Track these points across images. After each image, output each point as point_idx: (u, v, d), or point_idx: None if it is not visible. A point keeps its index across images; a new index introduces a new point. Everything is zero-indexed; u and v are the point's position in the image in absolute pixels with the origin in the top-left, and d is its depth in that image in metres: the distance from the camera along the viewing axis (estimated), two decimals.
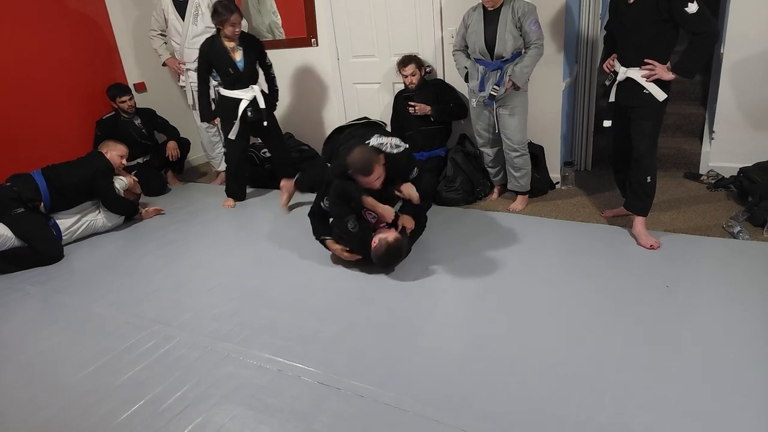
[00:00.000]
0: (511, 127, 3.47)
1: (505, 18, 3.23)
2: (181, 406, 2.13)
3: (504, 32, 3.24)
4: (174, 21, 4.36)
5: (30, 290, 3.24)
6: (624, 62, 2.88)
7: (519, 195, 3.71)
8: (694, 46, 2.67)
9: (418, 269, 2.99)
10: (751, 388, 1.93)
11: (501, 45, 3.26)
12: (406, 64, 3.89)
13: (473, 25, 3.36)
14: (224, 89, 4.00)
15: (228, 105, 3.99)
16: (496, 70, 3.33)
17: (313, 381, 2.19)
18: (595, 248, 3.03)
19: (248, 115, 3.96)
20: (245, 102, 3.94)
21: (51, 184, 3.62)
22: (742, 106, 3.61)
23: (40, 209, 3.60)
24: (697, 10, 2.55)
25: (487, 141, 3.68)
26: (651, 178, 2.93)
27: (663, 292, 2.55)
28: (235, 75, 3.89)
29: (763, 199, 3.09)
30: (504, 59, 3.29)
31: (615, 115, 3.04)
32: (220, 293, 2.97)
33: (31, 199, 3.54)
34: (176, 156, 4.72)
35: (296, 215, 3.91)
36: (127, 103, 4.48)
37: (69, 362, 2.49)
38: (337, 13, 4.41)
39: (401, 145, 2.95)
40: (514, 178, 3.65)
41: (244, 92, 3.95)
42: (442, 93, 4.00)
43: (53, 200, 3.64)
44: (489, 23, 3.29)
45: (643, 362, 2.11)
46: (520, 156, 3.55)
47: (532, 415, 1.90)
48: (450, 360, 2.24)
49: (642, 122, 2.87)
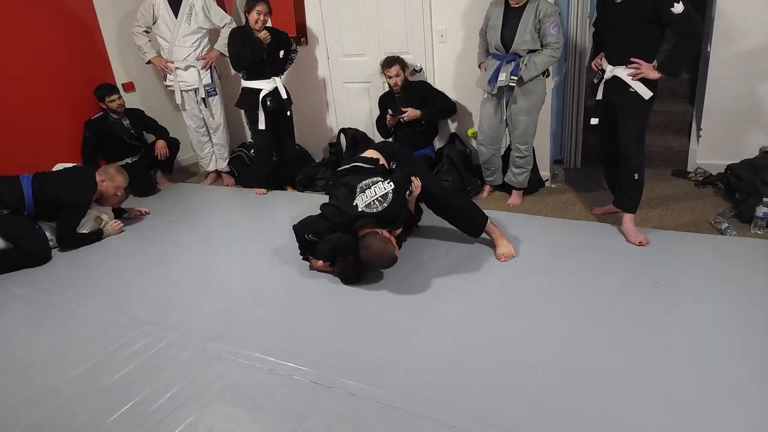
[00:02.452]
0: (520, 126, 3.48)
1: (527, 17, 3.22)
2: (171, 406, 2.11)
3: (524, 32, 3.24)
4: (166, 18, 4.32)
5: (17, 291, 3.20)
6: (611, 60, 2.91)
7: (514, 190, 3.73)
8: (679, 46, 2.70)
9: (408, 267, 2.99)
10: (738, 383, 1.95)
11: (519, 43, 3.26)
12: (390, 65, 3.89)
13: (493, 19, 3.36)
14: (247, 81, 4.11)
15: (251, 96, 4.12)
16: (511, 62, 3.33)
17: (305, 380, 2.19)
18: (584, 245, 3.04)
19: (267, 104, 4.09)
20: (265, 91, 4.07)
21: (36, 193, 3.50)
22: (729, 104, 3.64)
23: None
24: (683, 10, 2.57)
25: (488, 139, 3.66)
26: (639, 176, 2.94)
27: (652, 288, 2.57)
28: (259, 64, 4.02)
29: (750, 196, 3.13)
30: (519, 56, 3.31)
31: (602, 113, 3.06)
32: (210, 293, 2.95)
33: (12, 208, 3.44)
34: (165, 155, 4.68)
35: (287, 216, 3.89)
36: (116, 102, 4.43)
37: (58, 363, 2.46)
38: (327, 13, 4.41)
39: (387, 190, 2.81)
40: (513, 174, 3.68)
41: (266, 83, 4.08)
42: (428, 95, 4.02)
43: (37, 209, 3.53)
44: (509, 20, 3.29)
45: (633, 358, 2.12)
46: (524, 157, 3.58)
47: (522, 412, 1.91)
48: (442, 358, 2.24)
49: (628, 120, 2.89)
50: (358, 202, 2.81)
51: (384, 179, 2.86)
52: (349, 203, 2.83)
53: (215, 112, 4.63)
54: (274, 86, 4.12)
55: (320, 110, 4.78)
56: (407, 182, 2.93)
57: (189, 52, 4.38)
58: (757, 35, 3.43)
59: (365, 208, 2.79)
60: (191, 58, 4.39)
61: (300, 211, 3.45)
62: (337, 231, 2.84)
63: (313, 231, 2.90)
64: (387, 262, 2.77)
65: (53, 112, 4.37)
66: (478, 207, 3.13)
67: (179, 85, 4.46)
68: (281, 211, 4.03)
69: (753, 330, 2.21)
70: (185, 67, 4.41)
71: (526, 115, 3.44)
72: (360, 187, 2.84)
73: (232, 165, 4.85)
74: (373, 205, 2.79)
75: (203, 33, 4.41)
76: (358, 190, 2.84)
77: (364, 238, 2.74)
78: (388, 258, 2.74)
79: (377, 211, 2.79)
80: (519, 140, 3.53)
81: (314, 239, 2.90)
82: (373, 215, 2.78)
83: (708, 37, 3.61)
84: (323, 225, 2.88)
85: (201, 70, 4.43)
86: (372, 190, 2.82)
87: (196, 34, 4.36)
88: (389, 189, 2.82)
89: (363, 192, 2.83)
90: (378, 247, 2.70)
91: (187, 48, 4.36)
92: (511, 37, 3.28)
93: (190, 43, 4.35)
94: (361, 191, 2.84)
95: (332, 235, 2.83)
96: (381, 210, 2.79)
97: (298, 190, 4.50)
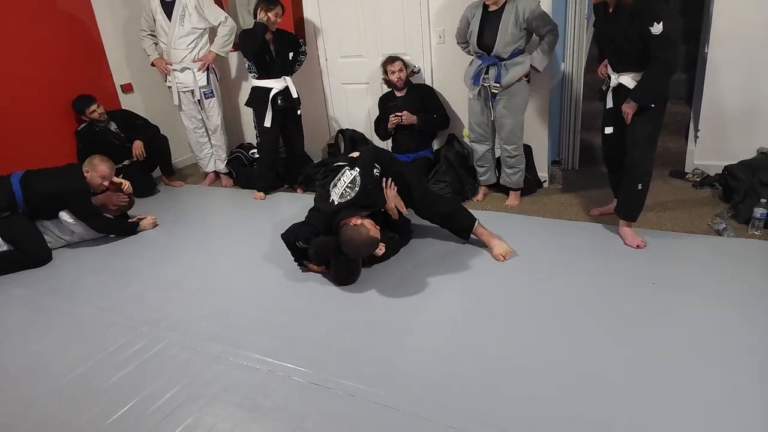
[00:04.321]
0: (506, 128, 3.49)
1: (507, 19, 3.20)
2: (171, 407, 2.12)
3: (505, 33, 3.22)
4: (161, 21, 4.33)
5: (17, 292, 3.20)
6: (615, 68, 2.86)
7: (511, 191, 3.74)
8: (650, 73, 2.61)
9: (407, 268, 3.00)
10: (736, 384, 1.95)
11: (501, 45, 3.26)
12: (393, 61, 3.93)
13: (473, 23, 3.34)
14: (258, 80, 4.14)
15: (260, 94, 4.15)
16: (494, 65, 3.33)
17: (304, 380, 2.19)
18: (582, 247, 3.05)
19: (278, 103, 4.11)
20: (275, 90, 4.10)
21: (26, 191, 3.50)
22: (726, 105, 3.65)
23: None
24: (662, 33, 2.48)
25: (479, 137, 3.68)
26: (642, 186, 2.90)
27: (650, 290, 2.58)
28: (270, 63, 4.05)
29: (748, 197, 3.13)
30: (502, 58, 3.30)
31: (614, 122, 2.95)
32: (208, 294, 2.96)
33: (3, 206, 3.44)
34: (141, 155, 4.54)
35: (286, 217, 3.89)
36: (97, 111, 4.36)
37: (57, 365, 2.47)
38: (325, 14, 4.41)
39: (354, 175, 2.90)
40: (506, 174, 3.68)
41: (276, 82, 4.11)
42: (428, 100, 4.03)
43: (30, 207, 3.53)
44: (489, 22, 3.27)
45: (631, 358, 2.13)
46: (514, 157, 3.59)
47: (521, 412, 1.92)
48: (440, 358, 2.25)
49: (637, 128, 2.79)
50: (333, 197, 2.87)
51: (351, 167, 2.94)
52: (326, 201, 2.90)
53: (212, 113, 4.63)
54: (284, 85, 4.15)
55: (318, 111, 4.78)
56: (371, 163, 2.97)
57: (185, 54, 4.38)
58: (754, 36, 3.44)
59: (339, 199, 2.85)
60: (187, 60, 4.39)
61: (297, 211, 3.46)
62: (320, 234, 2.87)
63: (300, 238, 2.94)
64: (363, 244, 2.72)
65: (52, 115, 4.36)
66: (467, 209, 3.16)
67: (177, 87, 4.47)
68: (280, 212, 4.03)
69: (751, 330, 2.21)
70: (181, 69, 4.42)
71: (511, 118, 3.45)
72: (333, 183, 2.93)
73: (231, 166, 4.85)
74: (345, 194, 2.85)
75: (199, 34, 4.40)
76: (332, 187, 2.92)
77: (340, 231, 2.76)
78: (364, 240, 2.70)
79: (351, 198, 2.83)
80: (506, 141, 3.54)
81: (304, 246, 2.94)
82: (349, 203, 2.82)
83: (706, 38, 3.62)
84: (307, 230, 2.92)
85: (197, 72, 4.42)
86: (342, 180, 2.91)
87: (191, 35, 4.36)
88: (355, 173, 2.89)
89: (335, 186, 2.91)
90: (350, 233, 2.70)
91: (182, 50, 4.36)
92: (492, 40, 3.27)
93: (185, 45, 4.35)
94: (333, 186, 2.92)
95: (315, 239, 2.87)
96: (354, 196, 2.83)
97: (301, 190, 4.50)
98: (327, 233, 2.86)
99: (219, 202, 4.51)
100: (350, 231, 2.71)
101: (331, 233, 2.84)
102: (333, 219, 2.81)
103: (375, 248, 2.80)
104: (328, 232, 2.85)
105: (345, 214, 2.79)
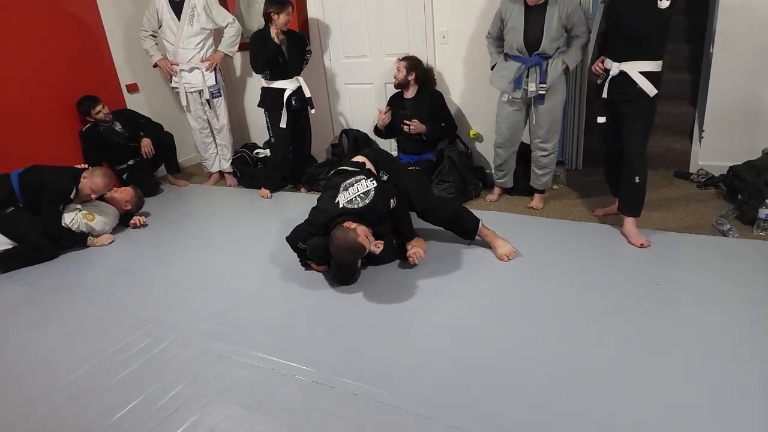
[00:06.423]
0: (545, 127, 3.43)
1: (552, 14, 3.16)
2: (174, 405, 2.12)
3: (551, 30, 3.17)
4: (169, 21, 4.34)
5: (20, 291, 3.21)
6: (617, 57, 2.88)
7: (536, 193, 3.70)
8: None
9: (409, 268, 3.00)
10: (740, 385, 1.94)
11: (547, 42, 3.20)
12: (400, 60, 3.93)
13: (512, 20, 3.26)
14: (270, 82, 4.17)
15: (274, 95, 4.16)
16: (535, 66, 3.27)
17: (307, 380, 2.19)
18: (586, 247, 3.04)
19: (293, 104, 4.13)
20: (289, 91, 4.12)
21: (21, 180, 3.54)
22: (731, 105, 3.64)
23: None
24: (666, 7, 2.55)
25: (506, 142, 3.61)
26: (640, 179, 2.93)
27: (654, 290, 2.57)
28: (282, 65, 4.07)
29: (753, 198, 3.12)
30: (545, 56, 3.25)
31: (608, 111, 3.03)
32: (212, 293, 2.96)
33: (3, 198, 3.48)
34: (150, 153, 4.59)
35: (289, 217, 3.90)
36: (102, 112, 4.39)
37: (61, 362, 2.47)
38: (329, 14, 4.42)
39: (370, 187, 2.83)
40: (537, 175, 3.63)
41: (289, 83, 4.14)
42: (437, 107, 3.99)
43: (24, 198, 3.56)
44: (533, 20, 3.20)
45: (634, 359, 2.12)
46: (547, 155, 3.54)
47: (523, 412, 1.91)
48: (443, 358, 2.25)
49: (633, 121, 2.87)
50: (340, 199, 2.84)
51: (367, 177, 2.90)
52: (331, 201, 2.86)
53: (220, 113, 4.64)
54: (297, 86, 4.17)
55: (322, 111, 4.79)
56: (391, 191, 2.93)
57: (193, 54, 4.39)
58: (758, 36, 3.43)
59: (347, 204, 2.81)
60: (195, 60, 4.41)
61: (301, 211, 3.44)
62: (316, 235, 2.86)
63: (301, 239, 2.94)
64: (345, 248, 2.67)
65: (58, 115, 4.38)
66: (469, 211, 3.15)
67: (184, 87, 4.48)
68: (284, 211, 4.03)
69: (755, 331, 2.20)
70: (190, 69, 4.43)
71: (551, 114, 3.40)
72: (344, 185, 2.89)
73: (235, 166, 4.87)
74: (354, 201, 2.82)
75: (207, 34, 4.42)
76: (342, 188, 2.88)
77: (332, 233, 2.74)
78: (347, 244, 2.66)
79: (358, 207, 2.80)
80: (544, 140, 3.47)
81: (303, 246, 2.94)
82: (354, 211, 2.79)
83: (710, 38, 3.61)
84: (306, 231, 2.92)
85: (205, 72, 4.44)
86: (355, 187, 2.86)
87: (200, 36, 4.37)
88: (371, 186, 2.84)
89: (346, 189, 2.87)
90: (338, 233, 2.69)
91: (191, 50, 4.37)
92: (537, 37, 3.20)
93: (194, 45, 4.36)
94: (344, 189, 2.88)
95: (311, 240, 2.86)
96: (362, 206, 2.80)
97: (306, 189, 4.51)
98: (324, 234, 2.84)
99: (223, 202, 4.52)
100: (338, 231, 2.70)
101: (326, 233, 2.83)
102: (333, 220, 2.81)
103: (359, 256, 2.80)
104: (325, 233, 2.83)
105: (343, 219, 2.78)
